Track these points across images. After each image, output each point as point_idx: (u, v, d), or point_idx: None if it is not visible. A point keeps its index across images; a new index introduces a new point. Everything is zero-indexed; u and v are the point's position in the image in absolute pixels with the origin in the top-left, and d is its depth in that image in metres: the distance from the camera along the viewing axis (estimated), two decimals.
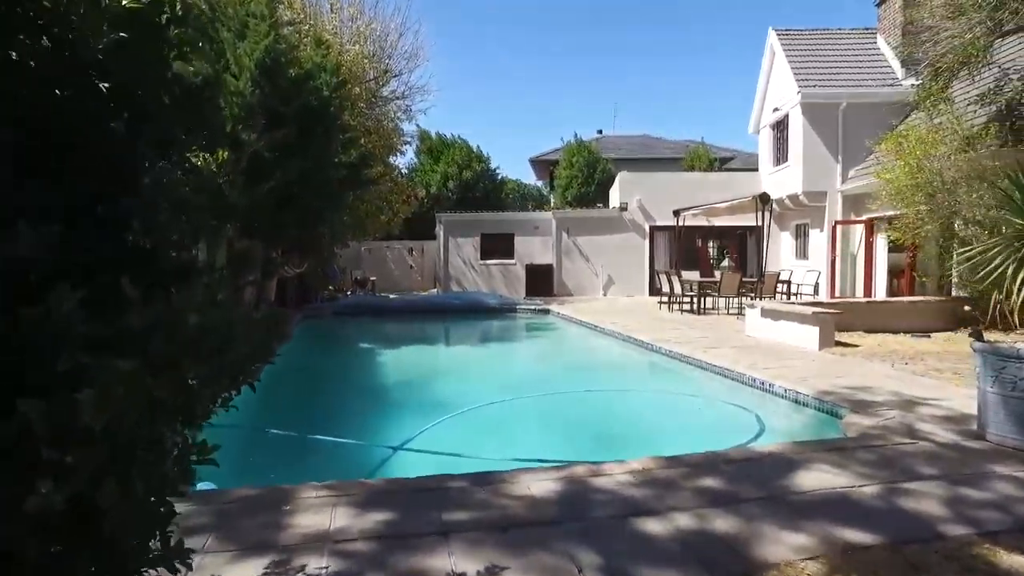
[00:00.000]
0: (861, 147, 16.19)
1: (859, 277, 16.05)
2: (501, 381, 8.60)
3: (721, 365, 7.94)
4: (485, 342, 13.42)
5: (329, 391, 8.05)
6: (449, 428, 5.68)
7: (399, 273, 25.87)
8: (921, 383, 6.61)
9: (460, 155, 26.54)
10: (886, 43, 16.96)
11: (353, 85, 14.86)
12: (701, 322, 12.82)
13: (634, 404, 7.24)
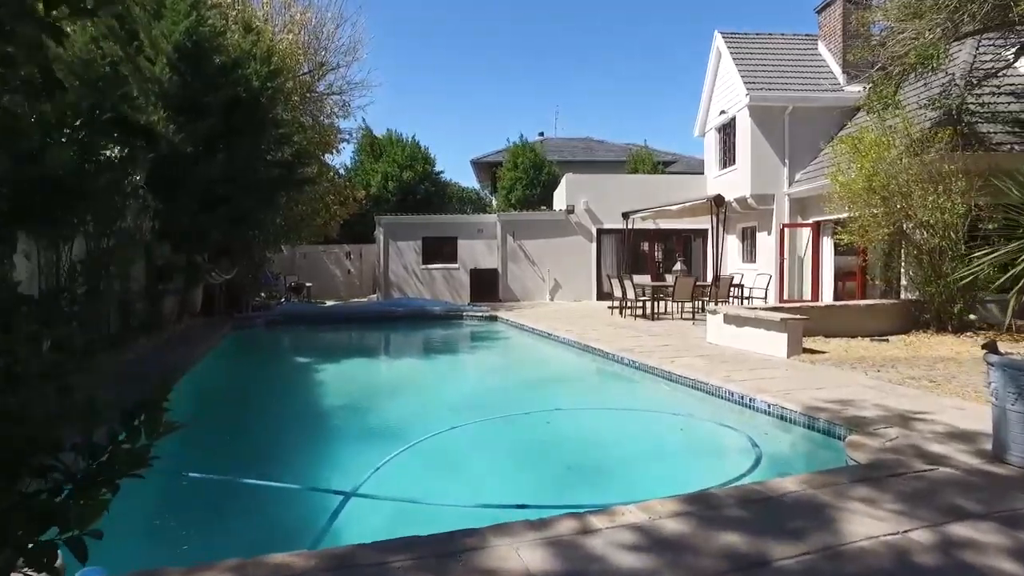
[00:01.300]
0: (806, 151, 16.32)
1: (807, 280, 16.11)
2: (457, 400, 7.82)
3: (694, 377, 7.44)
4: (434, 354, 12.54)
5: (262, 418, 7.04)
6: (405, 464, 4.87)
7: (337, 279, 24.63)
8: (903, 393, 6.27)
9: (402, 154, 25.49)
10: (827, 49, 17.17)
11: (286, 77, 13.74)
12: (657, 328, 12.41)
13: (609, 425, 6.62)
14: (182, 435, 1.58)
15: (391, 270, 21.07)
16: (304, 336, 14.39)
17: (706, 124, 19.45)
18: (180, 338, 11.14)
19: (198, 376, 8.26)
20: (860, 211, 11.16)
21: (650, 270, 19.80)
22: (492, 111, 73.50)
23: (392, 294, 21.08)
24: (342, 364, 10.78)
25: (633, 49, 72.09)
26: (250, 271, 15.80)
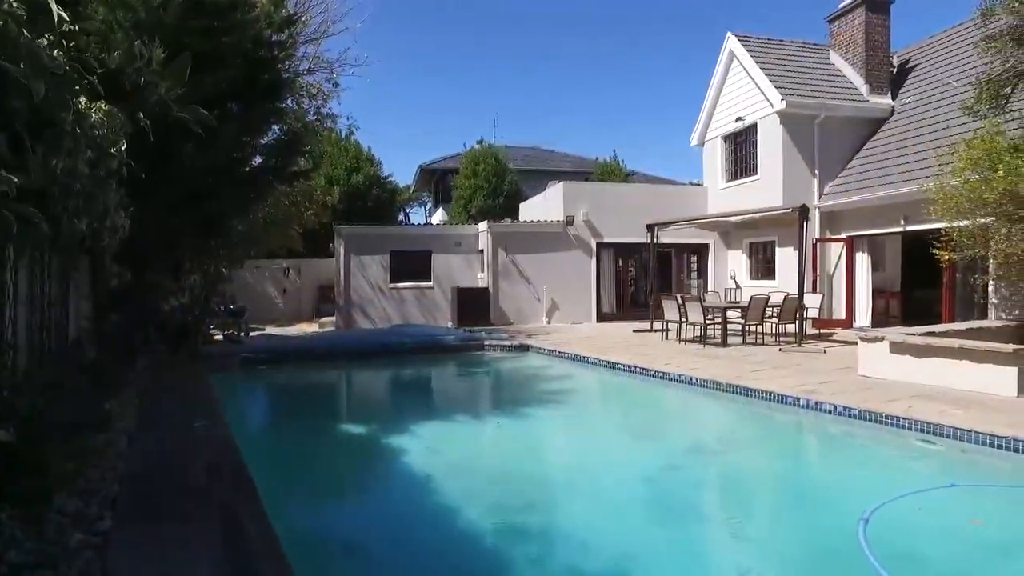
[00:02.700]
0: (835, 163, 15.45)
1: (838, 298, 15.13)
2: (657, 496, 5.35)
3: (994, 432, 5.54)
4: (517, 407, 8.83)
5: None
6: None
7: (272, 300, 20.70)
8: None
9: (347, 155, 22.03)
10: (843, 59, 16.52)
11: (303, 26, 10.43)
12: (756, 357, 10.58)
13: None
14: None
15: (353, 288, 17.73)
16: (306, 384, 11.01)
17: (708, 132, 18.23)
18: (162, 401, 7.61)
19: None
20: (996, 221, 10.02)
21: (677, 288, 18.12)
22: (419, 115, 70.02)
23: (353, 317, 17.74)
24: (414, 433, 7.75)
25: (574, 60, 71.67)
26: (204, 293, 12.05)
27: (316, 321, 19.49)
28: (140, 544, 3.31)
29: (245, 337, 13.43)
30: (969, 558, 4.02)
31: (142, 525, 3.58)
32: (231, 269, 12.25)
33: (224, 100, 8.08)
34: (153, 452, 5.20)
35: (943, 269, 12.01)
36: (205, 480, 4.50)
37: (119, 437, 5.48)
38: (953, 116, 12.58)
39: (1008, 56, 9.71)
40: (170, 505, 3.92)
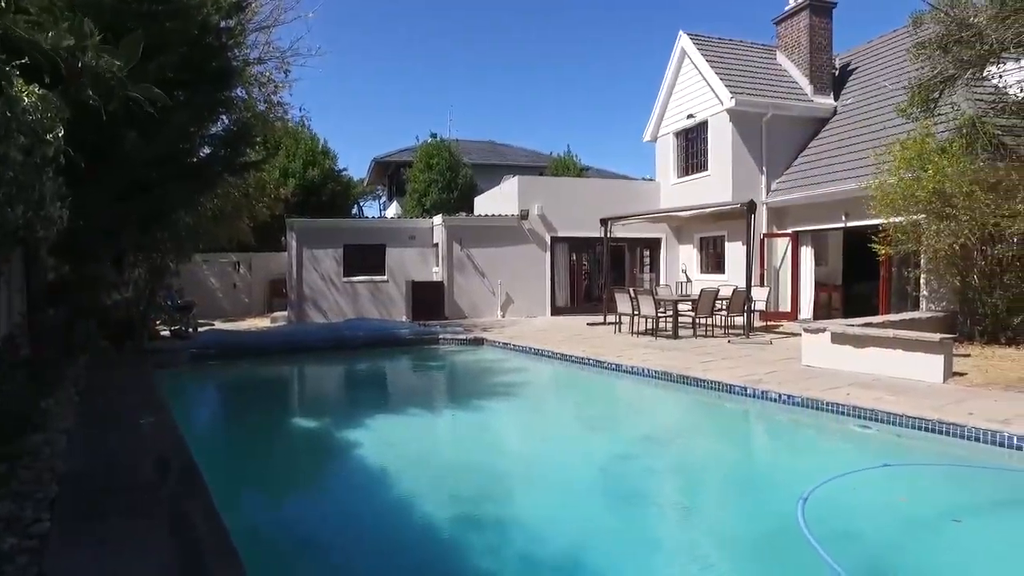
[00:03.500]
0: (780, 161, 15.96)
1: (782, 291, 15.66)
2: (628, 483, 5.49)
3: (937, 418, 5.87)
4: (472, 399, 8.89)
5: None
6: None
7: (219, 295, 20.16)
8: None
9: (304, 148, 21.57)
10: (789, 60, 17.05)
11: (253, 14, 10.13)
12: (702, 349, 10.87)
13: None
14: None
15: (305, 282, 17.42)
16: (258, 379, 10.74)
17: (660, 128, 18.57)
18: (105, 399, 7.36)
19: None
20: (927, 218, 10.52)
21: (630, 282, 18.42)
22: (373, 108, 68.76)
23: (306, 311, 17.44)
24: (369, 427, 7.71)
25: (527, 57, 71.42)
26: (148, 287, 11.67)
27: (268, 316, 19.11)
28: (81, 545, 3.22)
29: (193, 332, 13.07)
30: (897, 533, 4.26)
31: (84, 525, 3.48)
32: (178, 263, 11.87)
33: (169, 88, 7.80)
34: (95, 451, 5.03)
35: (880, 263, 12.57)
36: (152, 478, 4.39)
37: (57, 437, 5.28)
38: (889, 118, 13.16)
39: (936, 63, 10.21)
40: (114, 504, 3.82)
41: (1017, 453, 5.28)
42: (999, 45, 9.26)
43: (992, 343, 10.17)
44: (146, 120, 7.51)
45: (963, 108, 10.82)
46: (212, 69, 8.29)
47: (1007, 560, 3.90)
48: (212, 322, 17.34)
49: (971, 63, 9.85)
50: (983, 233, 9.95)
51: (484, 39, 69.23)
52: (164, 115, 7.91)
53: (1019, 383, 7.28)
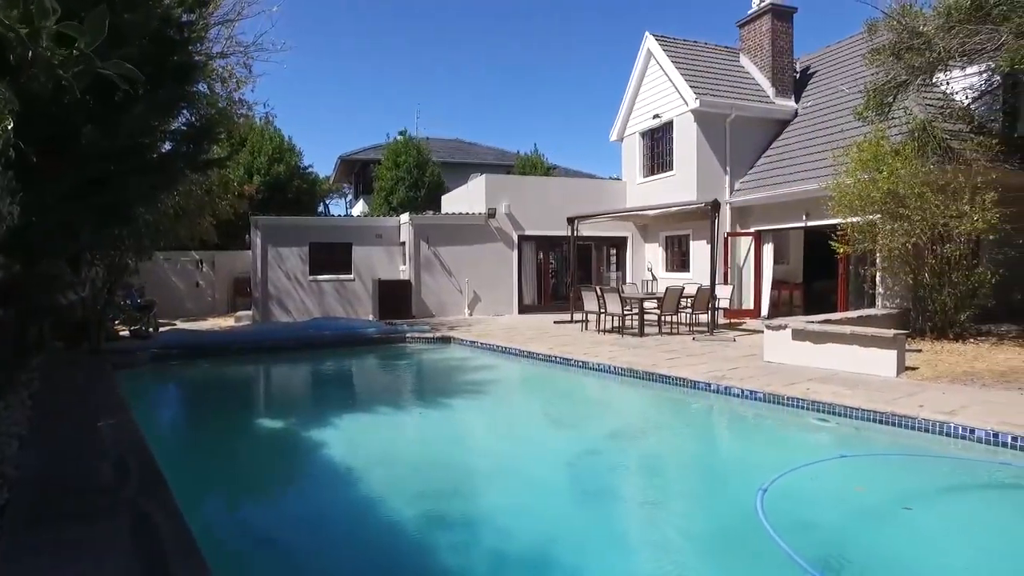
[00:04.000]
0: (743, 162, 16.29)
1: (746, 289, 16.00)
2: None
3: (890, 411, 6.10)
4: (439, 397, 9.05)
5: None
6: None
7: (182, 294, 19.73)
8: None
9: (270, 145, 21.20)
10: (752, 62, 17.42)
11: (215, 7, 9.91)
12: (668, 346, 11.06)
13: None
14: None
15: (271, 281, 17.17)
16: (222, 379, 10.53)
17: (626, 128, 18.79)
18: (61, 401, 7.16)
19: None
20: (863, 215, 10.88)
21: (597, 280, 18.59)
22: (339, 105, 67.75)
23: (271, 310, 17.20)
24: (336, 426, 7.65)
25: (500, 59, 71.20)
26: (107, 286, 11.35)
27: (232, 315, 18.78)
28: (35, 551, 3.13)
29: (154, 332, 12.77)
30: (852, 521, 4.42)
31: (39, 532, 3.38)
32: (138, 261, 11.58)
33: (130, 82, 7.63)
34: (51, 455, 4.90)
35: (839, 261, 12.95)
36: (112, 481, 4.30)
37: (8, 441, 5.12)
38: (847, 120, 13.56)
39: (890, 68, 10.57)
40: (72, 509, 3.72)
41: (962, 442, 5.53)
42: (946, 53, 9.63)
43: (941, 338, 10.56)
44: (104, 113, 7.35)
45: (915, 113, 11.22)
46: (174, 63, 8.10)
47: (952, 543, 4.09)
48: (174, 322, 17.01)
49: (921, 70, 10.23)
50: (933, 233, 10.32)
51: (452, 38, 69.04)
52: (123, 108, 7.75)
53: (964, 376, 7.60)
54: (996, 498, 4.96)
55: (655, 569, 3.86)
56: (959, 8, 9.19)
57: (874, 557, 3.87)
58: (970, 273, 10.27)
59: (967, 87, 12.50)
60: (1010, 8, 8.65)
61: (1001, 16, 8.85)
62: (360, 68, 68.71)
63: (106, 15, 3.15)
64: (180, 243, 15.30)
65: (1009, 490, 5.05)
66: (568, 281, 17.39)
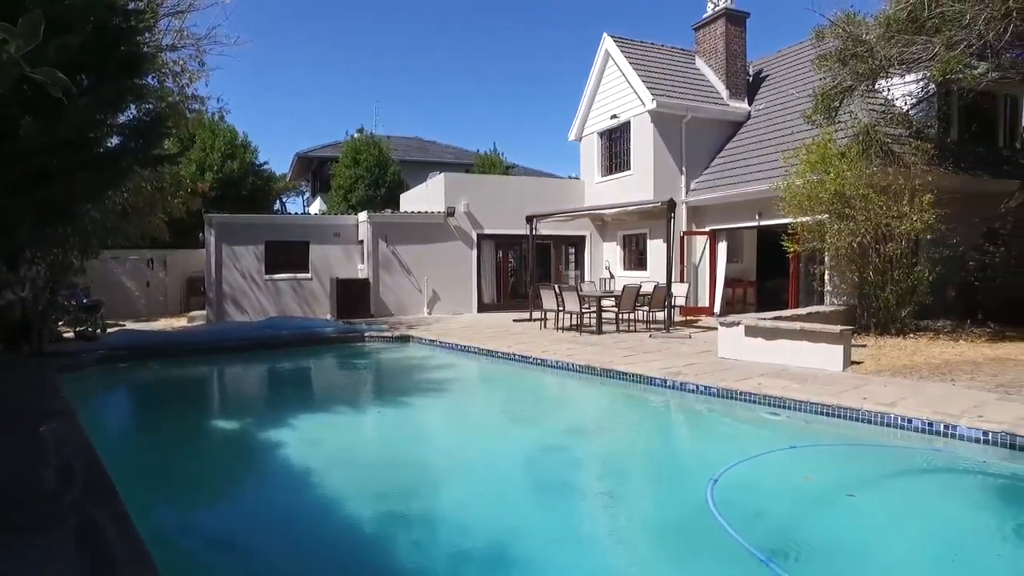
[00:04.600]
0: (698, 162, 16.64)
1: (702, 287, 16.36)
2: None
3: (837, 403, 6.34)
4: (399, 396, 9.03)
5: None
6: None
7: (132, 294, 19.12)
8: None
9: (222, 140, 20.67)
10: (707, 65, 17.80)
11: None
12: (625, 344, 11.24)
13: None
14: None
15: (225, 280, 16.78)
16: (175, 380, 10.22)
17: (585, 128, 18.98)
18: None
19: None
20: (813, 215, 11.26)
21: (555, 279, 18.72)
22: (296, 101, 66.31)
23: (225, 310, 16.80)
24: (293, 426, 7.53)
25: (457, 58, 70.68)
26: (49, 285, 10.92)
27: (185, 315, 18.31)
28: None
29: (101, 333, 12.34)
30: (800, 508, 4.59)
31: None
32: (84, 260, 11.15)
33: (71, 72, 7.35)
34: None
35: (790, 260, 13.37)
36: (55, 487, 4.15)
37: None
38: (797, 123, 13.99)
39: (836, 74, 10.96)
40: (11, 516, 3.59)
41: (901, 432, 5.80)
42: (887, 61, 10.05)
43: (884, 334, 11.01)
44: (44, 105, 7.09)
45: (859, 117, 11.64)
46: (121, 54, 7.84)
47: (891, 526, 4.29)
48: (123, 322, 16.45)
49: (865, 76, 10.63)
50: (877, 232, 10.76)
51: (412, 35, 68.50)
52: (64, 101, 7.47)
53: (904, 370, 7.95)
54: (930, 482, 5.23)
55: (609, 559, 3.94)
56: (897, 19, 9.61)
57: (820, 542, 4.03)
58: (910, 271, 10.74)
59: (906, 94, 13.06)
60: (941, 22, 9.08)
61: (934, 28, 9.28)
62: (318, 65, 67.62)
63: (41, 20, 3.05)
64: (130, 241, 14.83)
65: (942, 474, 5.33)
66: (527, 280, 17.48)
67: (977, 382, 7.14)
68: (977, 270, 11.38)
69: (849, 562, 3.76)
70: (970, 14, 8.61)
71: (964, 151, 13.28)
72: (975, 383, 7.09)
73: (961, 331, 10.82)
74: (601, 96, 18.20)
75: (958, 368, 7.99)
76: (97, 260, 12.62)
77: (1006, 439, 5.23)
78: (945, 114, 13.70)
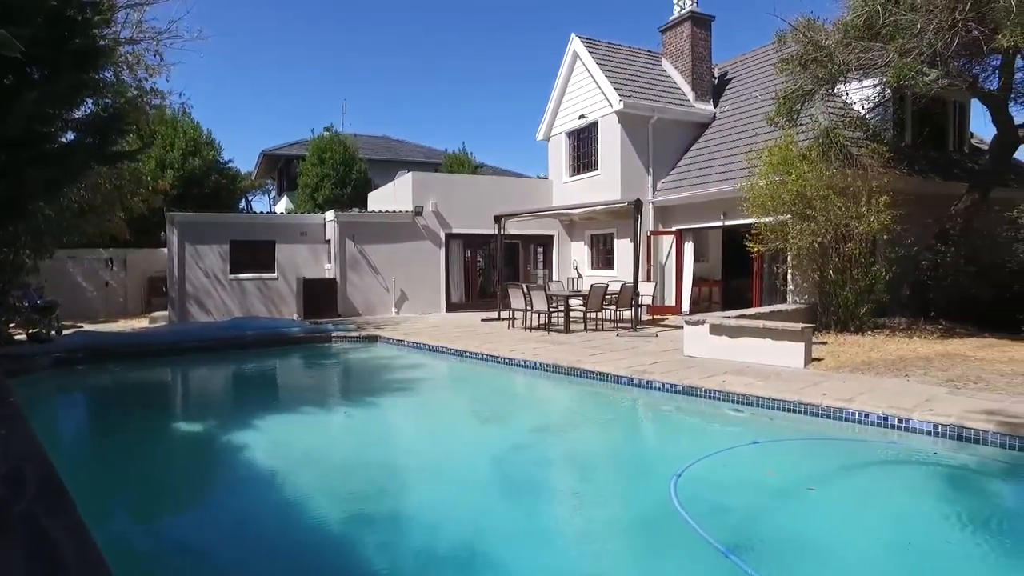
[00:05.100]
0: (664, 163, 16.86)
1: (669, 286, 16.58)
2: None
3: (812, 402, 6.49)
4: (366, 396, 9.10)
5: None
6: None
7: (89, 294, 18.56)
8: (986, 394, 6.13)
9: (184, 137, 20.17)
10: (673, 67, 18.03)
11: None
12: (592, 342, 11.33)
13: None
14: None
15: (188, 280, 16.40)
16: (135, 383, 9.93)
17: (553, 128, 19.07)
18: None
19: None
20: (775, 216, 11.50)
21: (523, 278, 18.75)
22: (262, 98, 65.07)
23: (188, 310, 16.43)
24: (258, 428, 7.41)
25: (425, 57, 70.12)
26: (4, 286, 10.55)
27: (146, 316, 17.84)
28: None
29: (56, 335, 11.95)
30: (762, 502, 4.69)
31: None
32: (37, 259, 10.80)
33: (22, 66, 7.11)
34: None
35: (754, 259, 13.62)
36: (3, 495, 4.01)
37: None
38: (760, 125, 14.27)
39: (797, 77, 11.21)
40: None
41: (859, 426, 5.98)
42: (845, 66, 10.32)
43: (844, 331, 11.30)
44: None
45: (820, 120, 11.94)
46: (75, 46, 7.62)
47: (850, 517, 4.42)
48: (80, 324, 15.97)
49: (825, 80, 10.91)
50: (836, 233, 11.05)
51: (380, 33, 67.89)
52: (15, 94, 7.22)
53: (862, 366, 8.18)
54: (886, 474, 5.40)
55: (574, 555, 3.97)
56: (855, 26, 9.88)
57: (781, 535, 4.13)
58: (868, 270, 11.05)
59: (864, 98, 13.43)
60: (895, 30, 9.37)
61: (888, 36, 9.57)
62: (285, 63, 66.58)
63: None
64: (88, 240, 14.40)
65: (896, 466, 5.51)
66: (495, 279, 17.49)
67: (929, 377, 7.39)
68: (929, 269, 11.74)
69: (809, 553, 3.86)
70: (920, 24, 8.90)
71: (918, 155, 13.73)
72: (927, 378, 7.33)
73: (915, 328, 11.16)
74: (569, 96, 18.30)
75: (912, 364, 8.26)
76: (52, 259, 12.22)
77: (954, 431, 5.44)
78: (900, 118, 14.12)
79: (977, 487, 5.05)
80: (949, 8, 8.65)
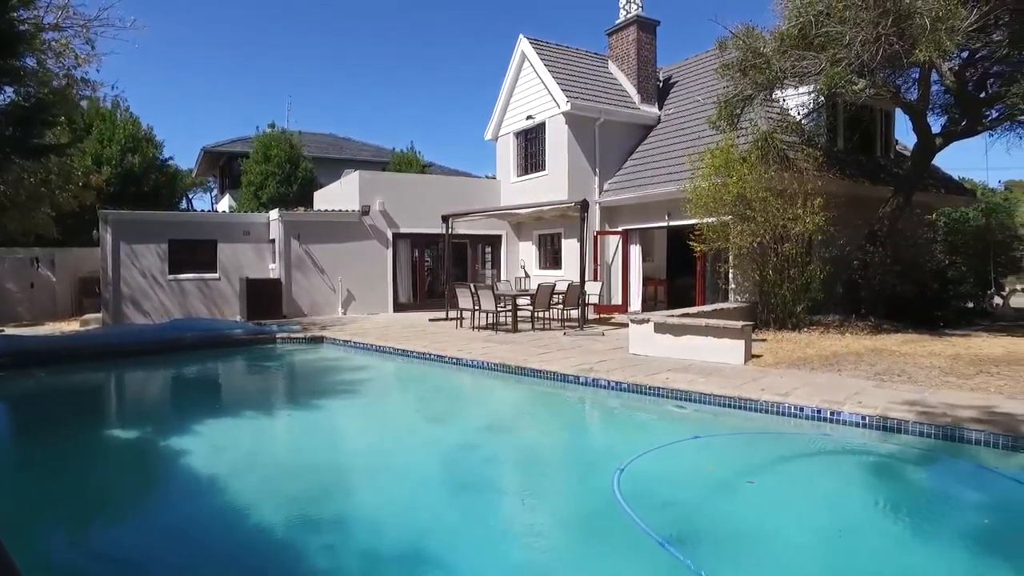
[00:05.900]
0: (611, 164, 17.13)
1: (614, 285, 16.86)
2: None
3: (757, 398, 6.72)
4: (311, 398, 9.06)
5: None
6: None
7: (14, 296, 17.58)
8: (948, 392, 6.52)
9: (122, 133, 19.27)
10: (619, 70, 18.35)
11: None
12: (540, 342, 11.43)
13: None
14: None
15: (124, 280, 15.74)
16: (63, 389, 9.46)
17: (501, 128, 19.12)
18: None
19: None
20: (717, 216, 11.87)
21: (472, 278, 18.70)
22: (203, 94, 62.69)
23: (124, 312, 15.77)
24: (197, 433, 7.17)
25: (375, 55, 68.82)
26: None
27: (77, 318, 17.03)
28: None
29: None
30: (702, 495, 4.85)
31: None
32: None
33: None
34: None
35: (697, 259, 13.99)
36: None
37: None
38: (703, 128, 14.64)
39: (737, 83, 11.58)
40: None
41: (795, 419, 6.24)
42: (781, 73, 10.73)
43: (782, 328, 11.76)
44: None
45: (759, 124, 12.36)
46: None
47: (787, 509, 4.61)
48: (2, 328, 15.13)
49: (763, 86, 11.30)
50: (775, 233, 11.48)
51: (327, 31, 66.60)
52: None
53: (798, 362, 8.54)
54: (820, 465, 5.65)
55: (518, 549, 4.01)
56: (790, 35, 10.29)
57: (721, 527, 4.27)
58: (804, 270, 11.52)
59: (799, 104, 13.99)
60: (827, 40, 9.81)
61: (821, 46, 10.01)
62: (227, 57, 64.52)
63: None
64: (10, 238, 13.62)
65: (830, 457, 5.77)
66: (443, 279, 17.43)
67: (859, 371, 7.78)
68: (860, 269, 12.32)
69: (747, 544, 4.00)
70: (849, 35, 9.34)
71: (849, 159, 14.39)
72: (858, 372, 7.72)
73: (847, 325, 11.70)
74: (517, 97, 18.40)
75: (844, 359, 8.66)
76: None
77: (880, 422, 5.75)
78: (832, 125, 14.77)
79: (899, 473, 5.35)
80: (873, 23, 9.11)
